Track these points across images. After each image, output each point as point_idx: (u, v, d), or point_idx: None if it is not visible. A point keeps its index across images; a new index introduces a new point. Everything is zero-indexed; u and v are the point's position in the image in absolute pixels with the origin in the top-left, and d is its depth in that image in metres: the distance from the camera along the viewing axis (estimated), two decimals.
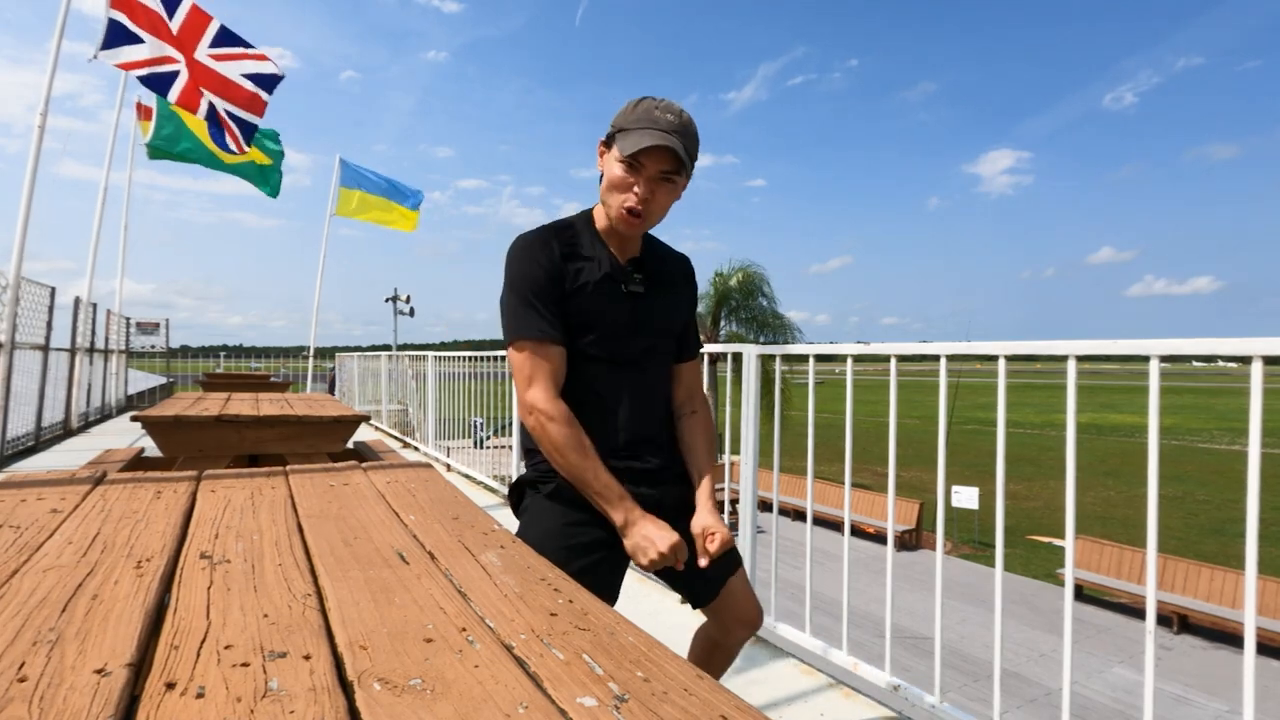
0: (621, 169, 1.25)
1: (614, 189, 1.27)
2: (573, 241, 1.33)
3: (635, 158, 1.23)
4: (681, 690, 0.55)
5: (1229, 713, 9.20)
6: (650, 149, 1.22)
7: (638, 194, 1.25)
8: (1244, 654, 1.32)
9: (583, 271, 1.31)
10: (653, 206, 1.27)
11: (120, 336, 10.42)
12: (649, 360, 1.38)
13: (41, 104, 4.77)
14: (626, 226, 1.28)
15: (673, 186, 1.29)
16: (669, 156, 1.24)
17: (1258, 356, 1.30)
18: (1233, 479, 23.54)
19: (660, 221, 1.34)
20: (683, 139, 1.24)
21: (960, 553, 16.32)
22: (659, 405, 1.42)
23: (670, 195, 1.30)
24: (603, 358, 1.33)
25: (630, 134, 1.23)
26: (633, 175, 1.25)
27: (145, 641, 0.61)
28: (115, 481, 1.39)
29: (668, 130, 1.22)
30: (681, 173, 1.27)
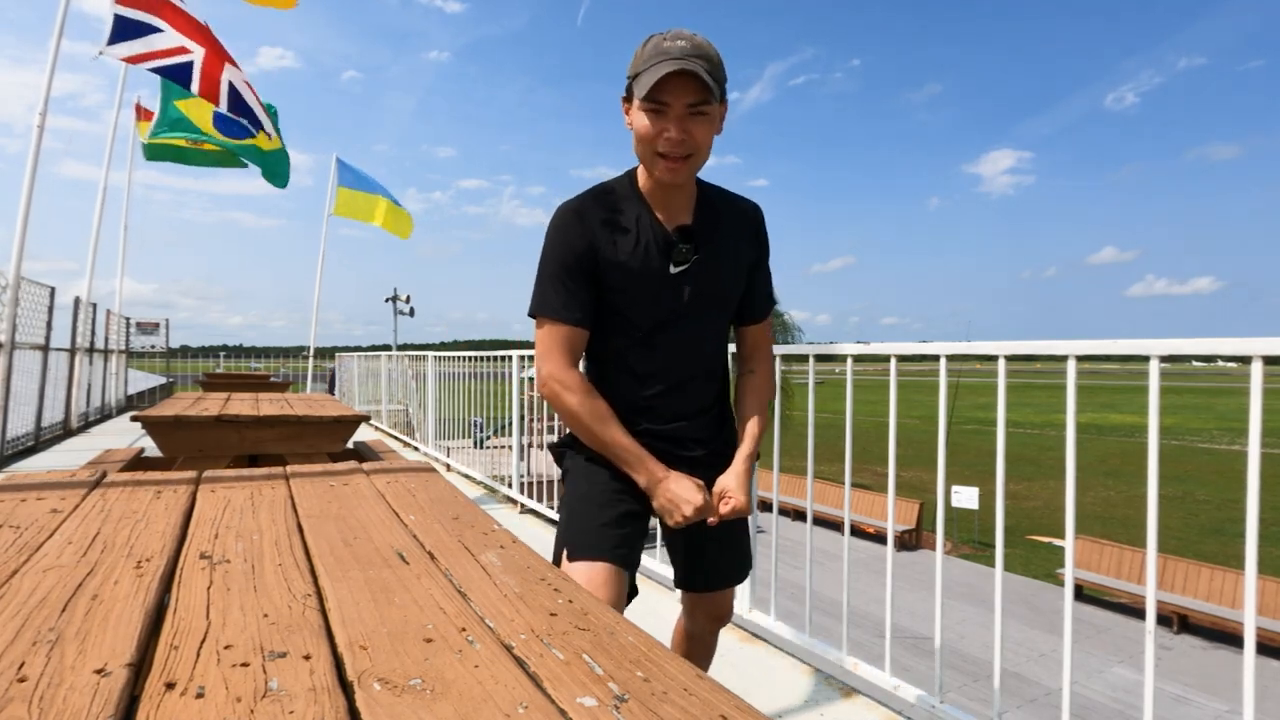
0: (646, 116, 1.15)
1: (644, 140, 1.17)
2: (613, 208, 1.24)
3: (656, 98, 1.13)
4: (681, 690, 0.55)
5: (1229, 713, 9.20)
6: (668, 81, 1.11)
7: (670, 136, 1.14)
8: (1244, 654, 1.32)
9: (619, 244, 1.23)
10: (691, 145, 1.16)
11: (120, 336, 10.42)
12: (695, 332, 1.30)
13: (41, 104, 4.77)
14: (669, 174, 1.17)
15: (707, 119, 1.16)
16: (693, 84, 1.12)
17: (1258, 356, 1.30)
18: (1233, 479, 23.54)
19: (705, 161, 1.22)
20: (702, 62, 1.12)
21: (960, 553, 16.32)
22: (707, 380, 1.34)
23: (707, 129, 1.17)
24: (641, 331, 1.27)
25: (644, 74, 1.13)
26: (659, 119, 1.15)
27: (145, 641, 0.61)
28: (115, 482, 1.39)
29: (681, 57, 1.10)
30: (712, 101, 1.15)
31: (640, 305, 1.25)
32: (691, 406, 1.32)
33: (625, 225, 1.24)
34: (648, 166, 1.21)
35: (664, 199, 1.25)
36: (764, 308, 1.39)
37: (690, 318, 1.27)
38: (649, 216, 1.24)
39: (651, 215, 1.24)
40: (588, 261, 1.22)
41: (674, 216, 1.26)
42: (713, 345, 1.34)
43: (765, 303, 1.39)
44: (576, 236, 1.22)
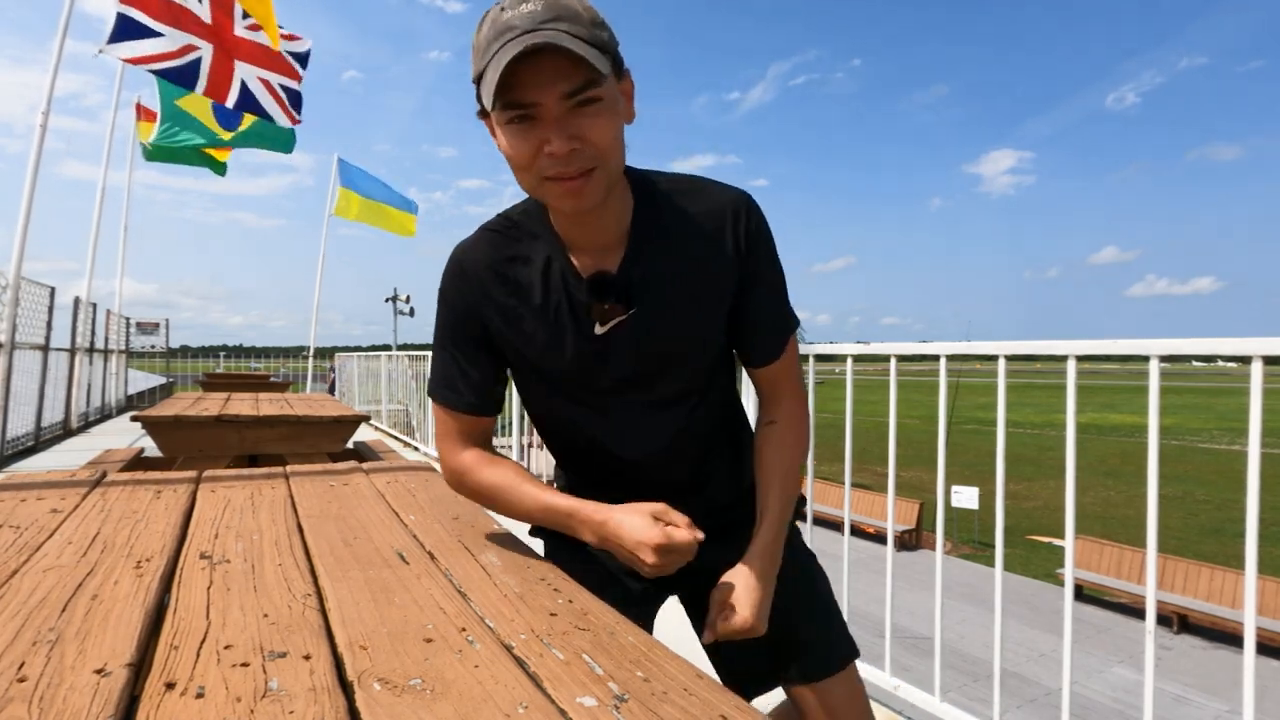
0: (512, 130, 0.78)
1: (519, 166, 0.80)
2: (511, 253, 0.92)
3: (515, 100, 0.75)
4: (681, 690, 0.55)
5: (1229, 713, 9.20)
6: (523, 70, 0.73)
7: (552, 150, 0.76)
8: (1244, 654, 1.32)
9: (519, 306, 0.92)
10: (589, 152, 0.77)
11: (120, 336, 10.42)
12: (662, 392, 0.96)
13: (43, 104, 4.77)
14: (571, 201, 0.80)
15: (602, 108, 0.77)
16: (562, 64, 0.74)
17: (1257, 356, 1.30)
18: (1233, 479, 23.54)
19: (619, 166, 0.83)
20: (565, 25, 0.74)
21: (960, 553, 16.32)
22: (701, 440, 1.00)
23: (605, 119, 0.78)
24: (581, 401, 0.97)
25: (488, 71, 0.74)
26: (531, 129, 0.77)
27: (145, 641, 0.61)
28: (115, 482, 1.39)
29: (531, 28, 0.72)
30: (600, 80, 0.75)
31: (565, 379, 0.95)
32: (682, 474, 1.00)
33: (525, 278, 0.91)
34: (540, 197, 0.85)
35: (580, 228, 0.89)
36: (773, 341, 0.97)
37: (640, 383, 0.94)
38: (560, 260, 0.90)
39: (564, 257, 0.90)
40: (475, 328, 0.94)
41: (598, 251, 0.90)
42: (698, 400, 0.99)
43: (774, 333, 0.97)
44: (458, 297, 0.94)
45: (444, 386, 0.96)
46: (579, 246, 0.90)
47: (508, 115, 0.77)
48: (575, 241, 0.90)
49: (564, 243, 0.91)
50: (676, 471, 1.00)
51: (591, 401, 0.96)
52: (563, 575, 0.85)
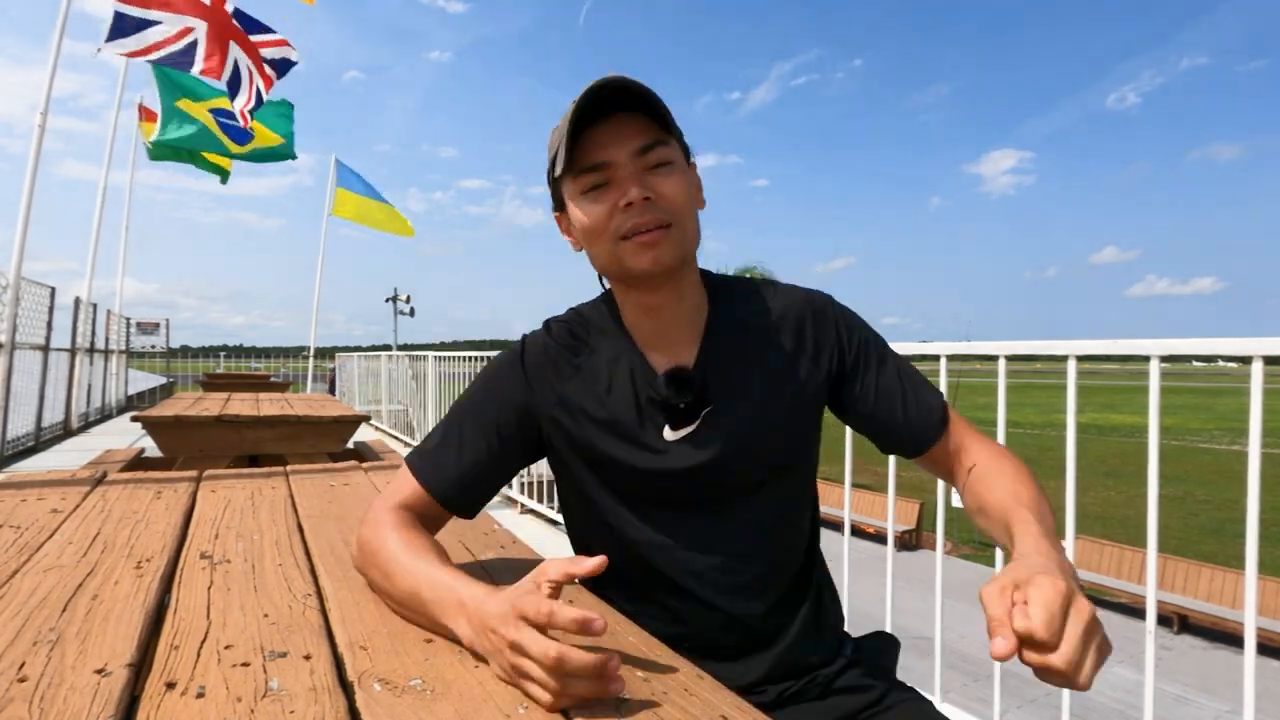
0: (586, 201, 0.78)
1: (595, 232, 0.78)
2: (578, 348, 0.86)
3: (589, 161, 0.76)
4: (682, 690, 0.55)
5: (1229, 713, 9.19)
6: (595, 130, 0.76)
7: (630, 199, 0.75)
8: (1244, 654, 1.32)
9: (588, 389, 0.84)
10: (665, 205, 0.76)
11: (120, 336, 10.42)
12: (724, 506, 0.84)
13: (42, 103, 4.78)
14: (650, 257, 0.76)
15: (671, 168, 0.77)
16: (632, 124, 0.76)
17: (1258, 356, 1.30)
18: (1233, 479, 23.54)
19: (695, 236, 0.81)
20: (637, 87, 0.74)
21: (960, 553, 16.32)
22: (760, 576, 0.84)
23: (678, 180, 0.78)
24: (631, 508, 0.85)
25: (562, 144, 0.76)
26: (604, 192, 0.77)
27: (145, 641, 0.61)
28: (115, 482, 1.39)
29: (598, 89, 0.73)
30: (669, 141, 0.78)
31: (625, 483, 0.84)
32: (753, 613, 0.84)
33: (592, 369, 0.85)
34: (617, 267, 0.80)
35: (654, 322, 0.84)
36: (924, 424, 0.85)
37: (709, 495, 0.83)
38: (632, 355, 0.84)
39: (636, 353, 0.84)
40: (507, 423, 0.84)
41: (670, 348, 0.84)
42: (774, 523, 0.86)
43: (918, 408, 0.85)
44: (501, 384, 0.85)
45: (428, 459, 0.83)
46: (651, 344, 0.85)
47: (582, 184, 0.78)
48: (647, 338, 0.85)
49: (635, 340, 0.85)
50: (745, 607, 0.83)
51: (651, 512, 0.84)
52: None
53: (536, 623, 0.53)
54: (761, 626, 0.83)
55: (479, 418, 0.84)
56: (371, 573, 0.75)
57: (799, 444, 0.87)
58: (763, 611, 0.84)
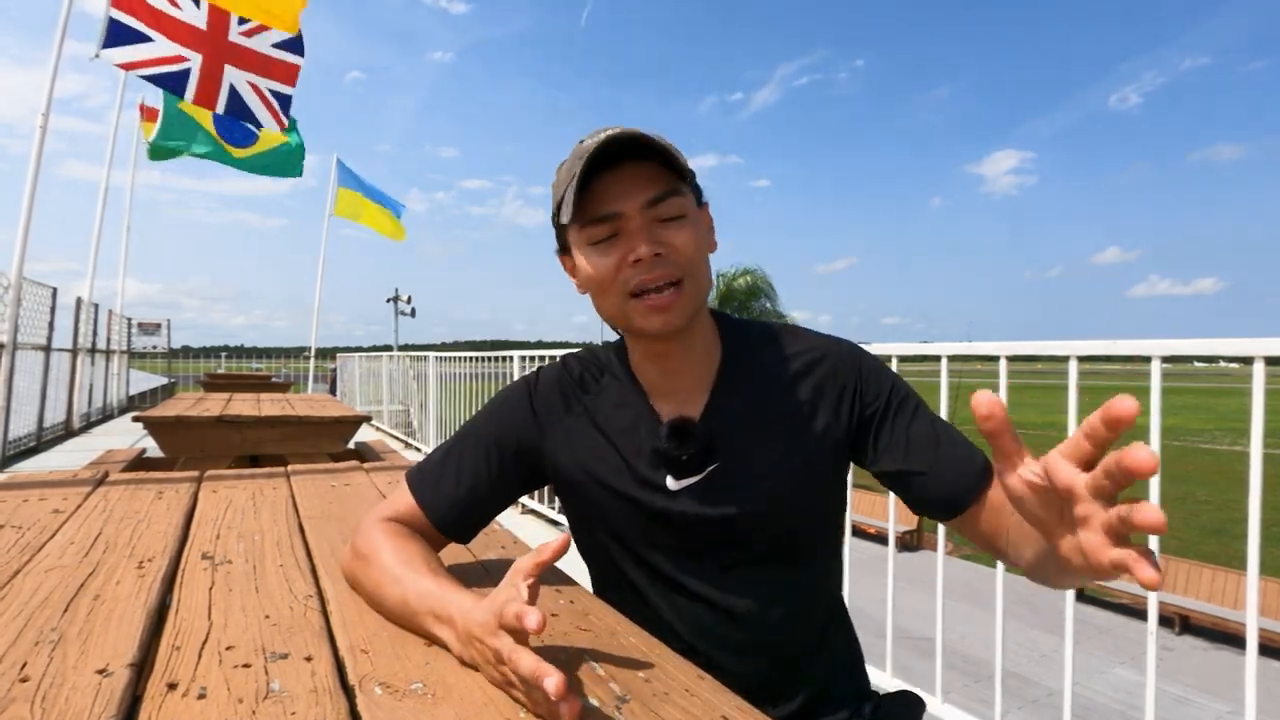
0: (594, 252, 0.75)
1: (603, 287, 0.76)
2: (595, 380, 0.85)
3: (597, 211, 0.74)
4: (683, 691, 0.55)
5: (1231, 714, 9.18)
6: (604, 180, 0.73)
7: (639, 254, 0.73)
8: (1246, 655, 1.32)
9: (595, 427, 0.82)
10: (676, 260, 0.74)
11: (122, 337, 10.43)
12: (732, 562, 0.80)
13: (43, 104, 4.78)
14: (660, 319, 0.74)
15: (684, 221, 0.75)
16: (642, 174, 0.73)
17: (1259, 357, 1.30)
18: (1234, 479, 23.51)
19: (707, 289, 0.78)
20: (646, 137, 0.71)
21: (961, 553, 16.31)
22: (769, 635, 0.80)
23: (690, 233, 0.75)
24: (634, 559, 0.83)
25: (568, 190, 0.73)
26: (612, 245, 0.74)
27: (147, 642, 0.61)
28: (117, 482, 1.39)
29: (608, 141, 0.71)
30: (681, 190, 0.75)
31: (627, 533, 0.82)
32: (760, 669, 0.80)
33: (602, 409, 0.83)
34: (627, 325, 0.78)
35: (663, 371, 0.82)
36: (961, 475, 0.75)
37: (714, 550, 0.80)
38: (640, 405, 0.82)
39: (644, 403, 0.82)
40: (507, 451, 0.83)
41: (680, 398, 0.81)
42: (785, 583, 0.81)
43: (959, 465, 0.76)
44: (510, 413, 0.85)
45: (428, 479, 0.81)
46: (660, 393, 0.82)
47: (589, 235, 0.75)
48: (656, 387, 0.82)
49: (643, 386, 0.83)
50: (747, 664, 0.79)
51: (653, 558, 0.81)
52: (563, 576, 0.85)
53: (513, 628, 0.51)
54: (765, 685, 0.79)
55: (483, 444, 0.83)
56: (362, 583, 0.73)
57: (814, 503, 0.81)
58: (767, 670, 0.79)
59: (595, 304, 0.80)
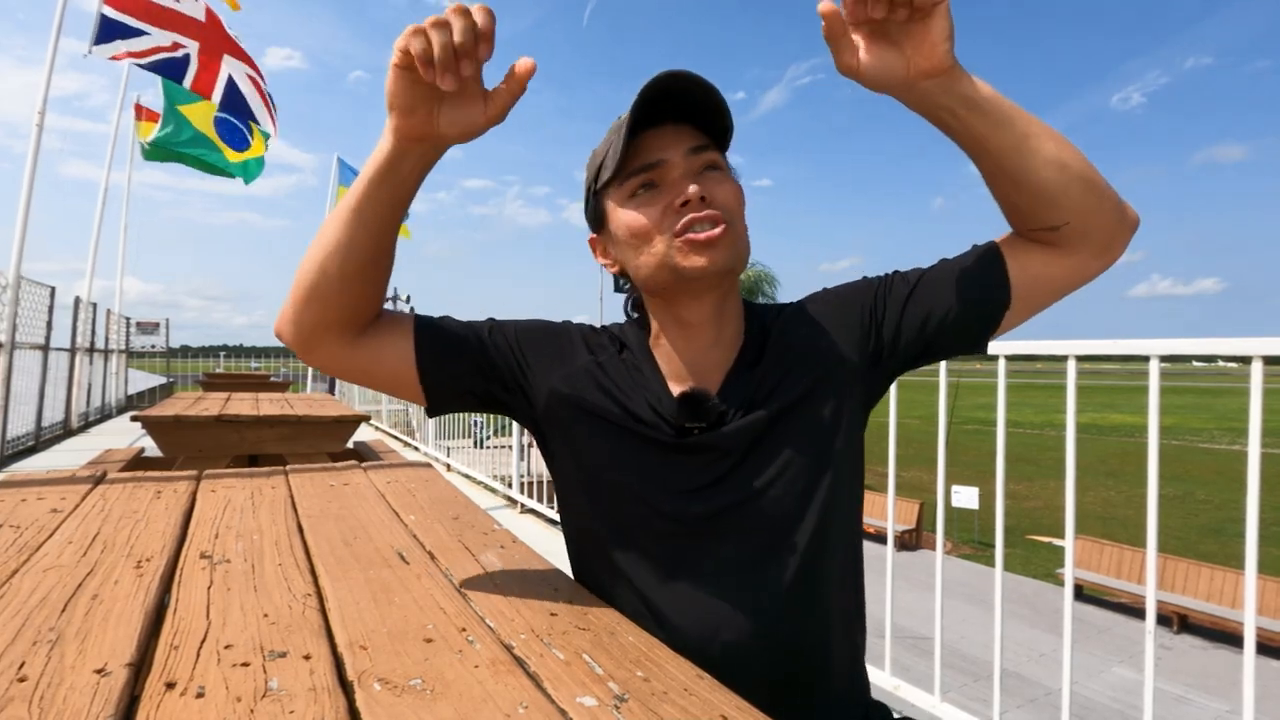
0: (635, 204, 0.74)
1: (644, 233, 0.73)
2: (615, 356, 0.82)
3: (642, 162, 0.73)
4: (682, 690, 0.55)
5: (1229, 713, 9.19)
6: (646, 137, 0.73)
7: (685, 194, 0.71)
8: (1244, 654, 1.32)
9: (612, 400, 0.78)
10: (718, 202, 0.72)
11: (120, 336, 10.42)
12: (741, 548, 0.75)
13: (40, 103, 4.78)
14: (708, 255, 0.71)
15: (725, 173, 0.75)
16: (683, 131, 0.73)
17: (1257, 357, 1.30)
18: (1233, 479, 23.54)
19: (747, 248, 0.75)
20: (691, 79, 0.69)
21: (960, 553, 16.32)
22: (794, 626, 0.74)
23: (731, 186, 0.74)
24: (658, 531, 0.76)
25: (617, 145, 0.73)
26: (656, 192, 0.73)
27: (145, 641, 0.61)
28: (115, 481, 1.39)
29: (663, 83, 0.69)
30: (723, 144, 0.75)
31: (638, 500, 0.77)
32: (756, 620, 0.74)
33: (617, 379, 0.80)
34: (667, 271, 0.73)
35: (687, 346, 0.79)
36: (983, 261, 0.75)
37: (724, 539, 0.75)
38: (658, 387, 0.78)
39: (663, 387, 0.78)
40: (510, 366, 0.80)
41: (700, 374, 0.78)
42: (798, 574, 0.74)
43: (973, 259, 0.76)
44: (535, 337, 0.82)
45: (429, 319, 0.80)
46: (675, 373, 0.79)
47: (630, 186, 0.74)
48: (675, 370, 0.79)
49: (662, 370, 0.79)
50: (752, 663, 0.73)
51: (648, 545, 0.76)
52: (563, 575, 0.85)
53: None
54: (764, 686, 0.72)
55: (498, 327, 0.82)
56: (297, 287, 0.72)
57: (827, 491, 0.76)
58: (769, 670, 0.74)
59: (633, 265, 0.76)
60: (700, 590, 0.74)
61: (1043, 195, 0.68)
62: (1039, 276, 0.74)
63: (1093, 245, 0.71)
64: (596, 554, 0.81)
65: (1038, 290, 0.74)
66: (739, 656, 0.72)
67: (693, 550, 0.75)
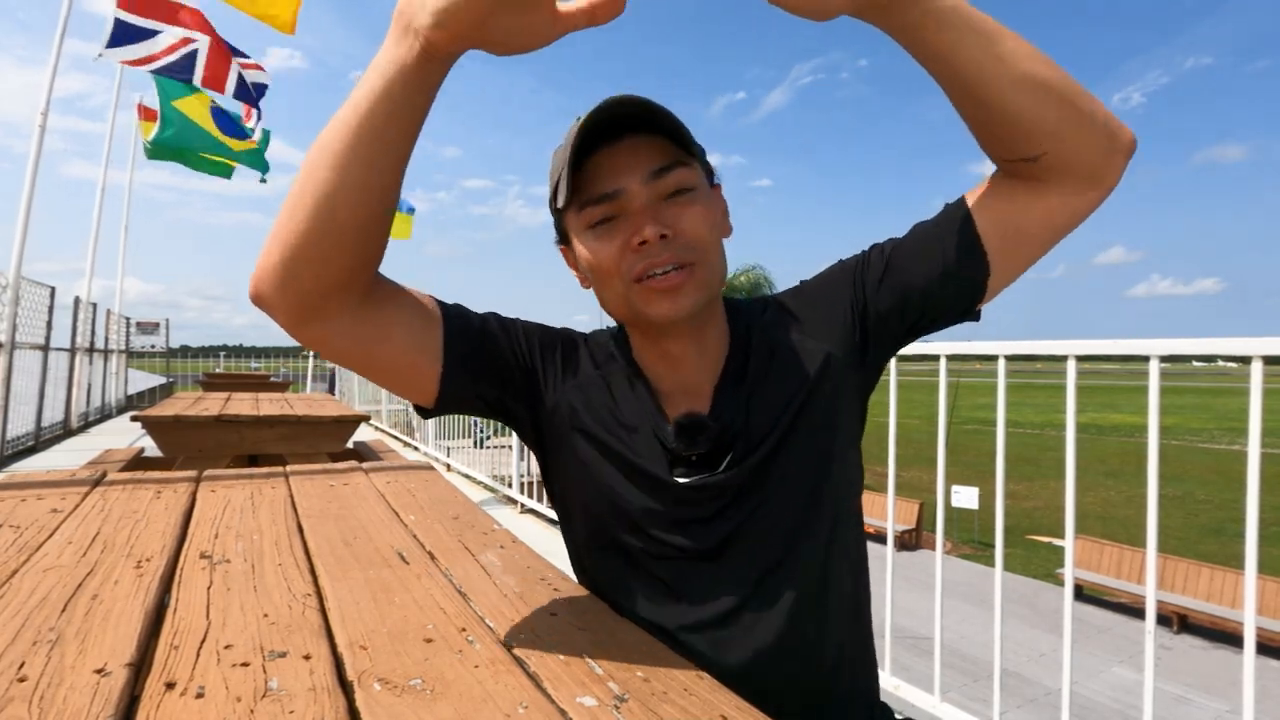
0: (593, 236, 0.68)
1: (604, 271, 0.68)
2: (606, 375, 0.77)
3: (595, 191, 0.66)
4: (681, 690, 0.55)
5: (1229, 713, 9.20)
6: (602, 153, 0.66)
7: (645, 235, 0.65)
8: (1244, 654, 1.32)
9: (609, 425, 0.74)
10: (684, 241, 0.66)
11: (120, 336, 10.42)
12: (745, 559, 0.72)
13: (42, 103, 4.78)
14: (669, 305, 0.66)
15: (693, 195, 0.67)
16: (644, 146, 0.66)
17: (1257, 356, 1.30)
18: (1233, 479, 23.54)
19: (721, 272, 0.71)
20: (641, 105, 0.63)
21: (960, 553, 16.32)
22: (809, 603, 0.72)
23: (701, 210, 0.67)
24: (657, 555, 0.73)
25: (565, 171, 0.66)
26: (614, 228, 0.67)
27: (145, 641, 0.61)
28: (115, 481, 1.39)
29: (604, 109, 0.63)
30: (689, 161, 0.67)
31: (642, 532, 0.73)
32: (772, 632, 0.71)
33: (620, 399, 0.75)
34: (632, 316, 0.71)
35: (671, 369, 0.74)
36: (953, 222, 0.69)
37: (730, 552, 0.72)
38: (648, 398, 0.74)
39: (651, 396, 0.74)
40: (517, 356, 0.74)
41: (686, 395, 0.74)
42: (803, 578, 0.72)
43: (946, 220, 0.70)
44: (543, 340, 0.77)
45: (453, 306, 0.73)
46: (665, 390, 0.74)
47: (588, 216, 0.68)
48: (662, 384, 0.75)
49: (650, 381, 0.75)
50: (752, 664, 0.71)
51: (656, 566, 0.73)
52: (562, 575, 0.85)
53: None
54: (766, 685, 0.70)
55: (513, 327, 0.76)
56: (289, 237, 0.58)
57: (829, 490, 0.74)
58: (769, 671, 0.71)
59: (598, 296, 0.72)
60: (709, 608, 0.71)
61: (1017, 120, 0.60)
62: (1021, 226, 0.67)
63: (1079, 175, 0.63)
64: (601, 570, 0.78)
65: (1024, 241, 0.68)
66: (753, 669, 0.70)
67: (699, 572, 0.72)
